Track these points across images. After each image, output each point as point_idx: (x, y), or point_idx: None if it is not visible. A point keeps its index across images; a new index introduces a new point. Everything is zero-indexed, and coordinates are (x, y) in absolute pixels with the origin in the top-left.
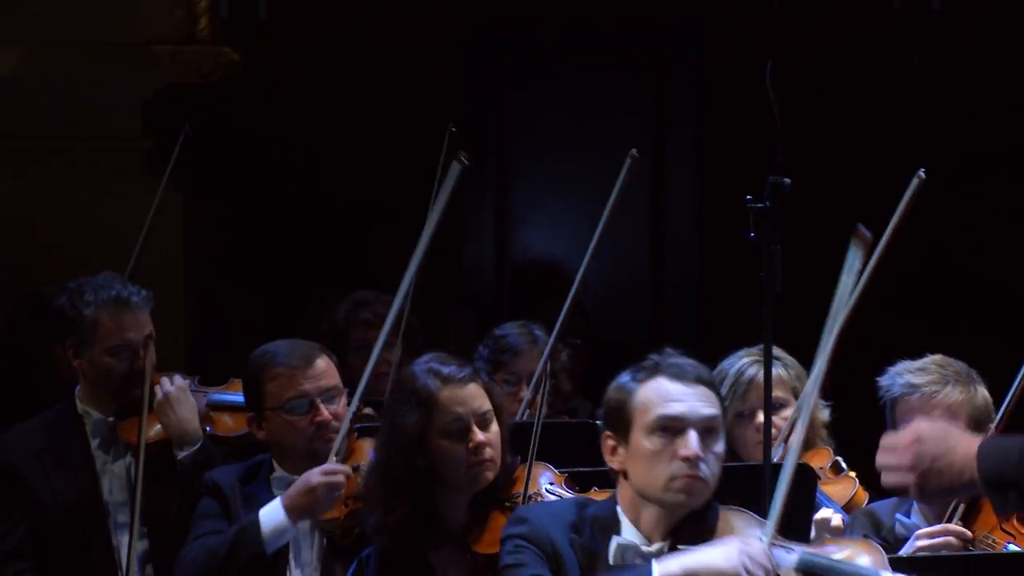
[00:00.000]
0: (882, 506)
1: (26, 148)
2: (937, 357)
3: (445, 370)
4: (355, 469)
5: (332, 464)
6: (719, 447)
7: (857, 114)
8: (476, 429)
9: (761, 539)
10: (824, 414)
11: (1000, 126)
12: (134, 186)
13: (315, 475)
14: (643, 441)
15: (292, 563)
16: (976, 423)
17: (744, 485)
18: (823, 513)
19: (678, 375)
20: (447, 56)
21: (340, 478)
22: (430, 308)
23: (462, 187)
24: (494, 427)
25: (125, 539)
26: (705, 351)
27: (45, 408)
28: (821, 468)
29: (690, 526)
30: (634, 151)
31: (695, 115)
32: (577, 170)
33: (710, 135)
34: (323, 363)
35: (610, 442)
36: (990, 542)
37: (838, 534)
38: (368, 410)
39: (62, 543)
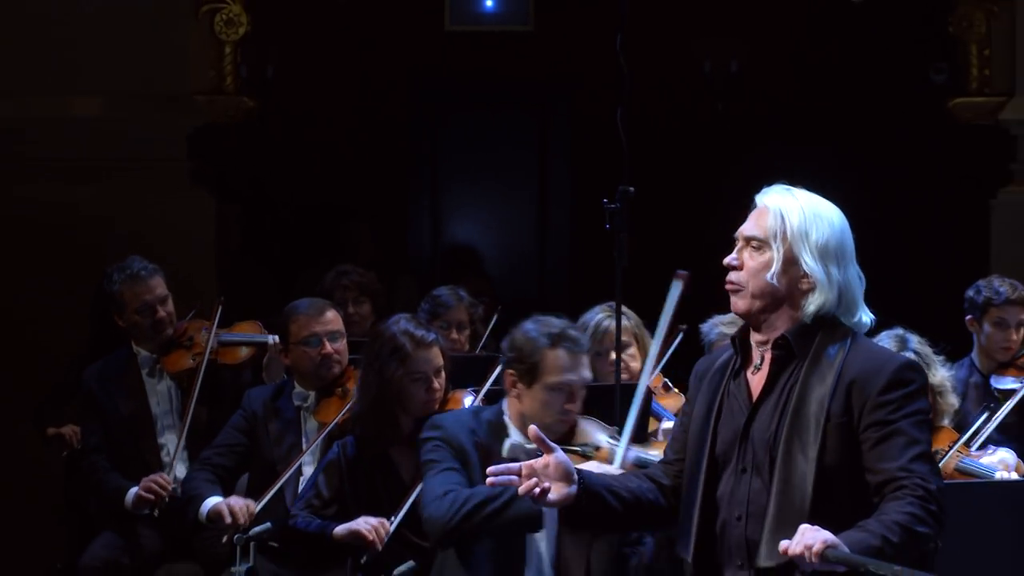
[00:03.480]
0: None
1: (106, 167)
2: None
3: (418, 333)
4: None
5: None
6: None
7: (680, 143)
8: (433, 378)
9: (609, 441)
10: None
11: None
12: (181, 194)
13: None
14: (543, 393)
15: (305, 449)
16: None
17: (601, 401)
18: (668, 424)
19: (574, 349)
20: (396, 103)
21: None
22: (385, 277)
23: (407, 192)
24: (442, 375)
25: (167, 438)
26: (574, 306)
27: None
28: (655, 387)
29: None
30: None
31: (567, 146)
32: (487, 182)
33: (578, 158)
34: (331, 314)
35: (512, 378)
36: None
37: None
38: None
39: (123, 442)
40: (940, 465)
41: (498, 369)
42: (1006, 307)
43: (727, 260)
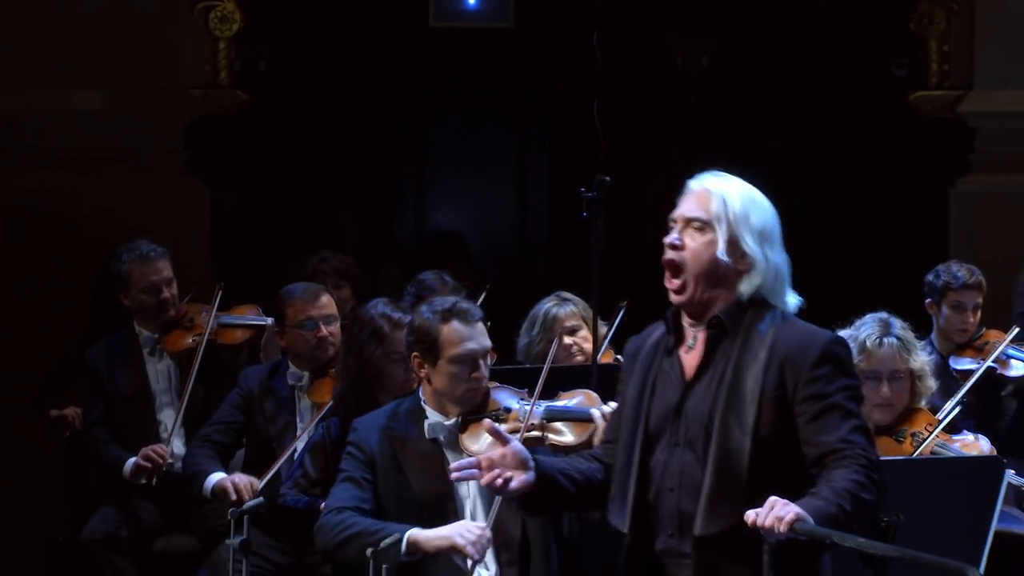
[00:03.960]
0: None
1: (107, 157)
2: None
3: (395, 315)
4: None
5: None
6: (489, 360)
7: (654, 135)
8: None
9: (520, 402)
10: (603, 331)
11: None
12: (178, 183)
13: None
14: (448, 367)
15: (298, 424)
16: None
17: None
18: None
19: (467, 319)
20: (383, 97)
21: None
22: (371, 262)
23: (394, 182)
24: None
25: (165, 415)
26: (553, 290)
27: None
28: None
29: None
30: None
31: (546, 137)
32: (470, 173)
33: (557, 148)
34: (326, 298)
35: (418, 360)
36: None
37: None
38: None
39: (123, 418)
40: (920, 448)
41: None
42: (963, 291)
43: (669, 239)
